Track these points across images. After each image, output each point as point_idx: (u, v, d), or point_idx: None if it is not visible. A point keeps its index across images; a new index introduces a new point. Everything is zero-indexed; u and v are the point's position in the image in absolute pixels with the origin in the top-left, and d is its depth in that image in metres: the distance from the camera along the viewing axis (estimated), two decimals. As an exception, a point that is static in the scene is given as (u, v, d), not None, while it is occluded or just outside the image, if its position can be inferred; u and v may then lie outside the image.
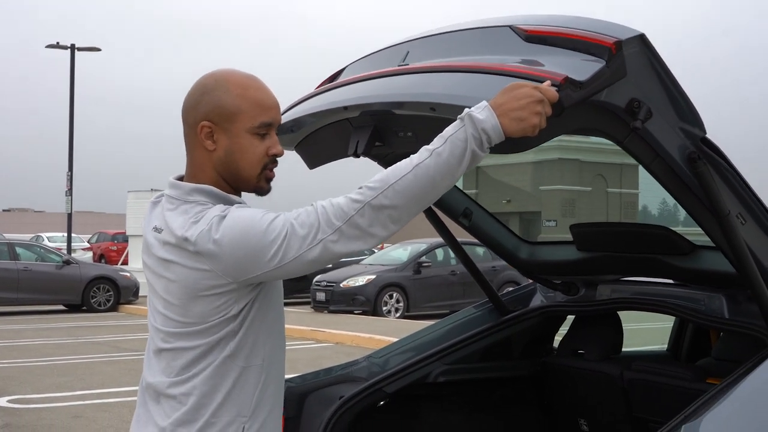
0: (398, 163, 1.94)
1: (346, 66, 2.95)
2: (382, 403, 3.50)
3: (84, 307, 20.12)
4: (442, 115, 2.18)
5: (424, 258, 19.20)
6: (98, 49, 29.25)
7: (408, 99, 2.32)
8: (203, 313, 2.04)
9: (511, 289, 4.04)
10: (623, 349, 3.74)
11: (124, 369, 11.57)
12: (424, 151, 1.93)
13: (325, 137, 2.84)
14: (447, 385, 3.62)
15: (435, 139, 1.94)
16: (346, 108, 2.58)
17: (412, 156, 1.94)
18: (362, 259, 22.03)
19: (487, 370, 3.76)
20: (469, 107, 1.95)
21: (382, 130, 2.55)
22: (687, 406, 2.40)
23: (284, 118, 2.76)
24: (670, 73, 2.25)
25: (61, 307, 20.74)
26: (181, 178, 2.17)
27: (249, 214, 1.99)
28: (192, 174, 2.14)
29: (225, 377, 2.06)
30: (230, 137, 2.09)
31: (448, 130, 1.93)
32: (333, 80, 2.94)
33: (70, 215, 27.90)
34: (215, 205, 2.06)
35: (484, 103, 1.94)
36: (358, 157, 2.63)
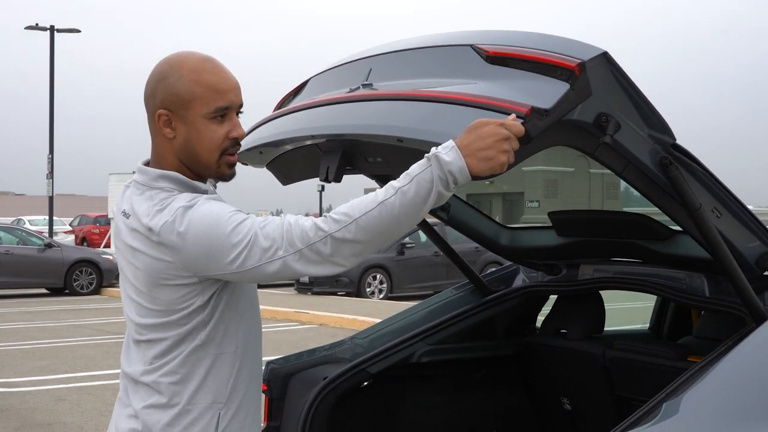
0: (364, 197, 1.93)
1: (310, 78, 2.91)
2: (365, 383, 3.51)
3: (66, 291, 20.07)
4: (410, 146, 2.18)
5: (407, 239, 19.22)
6: (78, 31, 29.00)
7: (375, 131, 2.30)
8: (170, 301, 2.04)
9: (494, 269, 4.05)
10: (605, 329, 3.77)
11: (107, 352, 11.55)
12: (390, 187, 1.92)
13: (295, 159, 2.83)
14: (430, 365, 3.64)
15: (402, 175, 1.93)
16: (313, 136, 2.56)
17: (378, 191, 1.94)
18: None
19: (470, 349, 3.77)
20: (436, 144, 1.95)
21: (351, 155, 2.53)
22: (668, 384, 2.42)
23: (251, 140, 2.74)
24: (635, 85, 2.25)
25: (44, 291, 20.65)
26: (148, 163, 2.16)
27: (217, 211, 1.97)
28: (156, 160, 2.14)
29: (198, 365, 2.07)
30: (187, 124, 2.07)
31: (415, 169, 1.92)
32: (297, 93, 2.92)
33: (51, 198, 27.73)
34: (181, 192, 2.05)
35: (451, 143, 1.92)
36: (330, 183, 2.62)
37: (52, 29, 28.49)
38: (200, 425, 2.06)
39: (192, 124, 2.07)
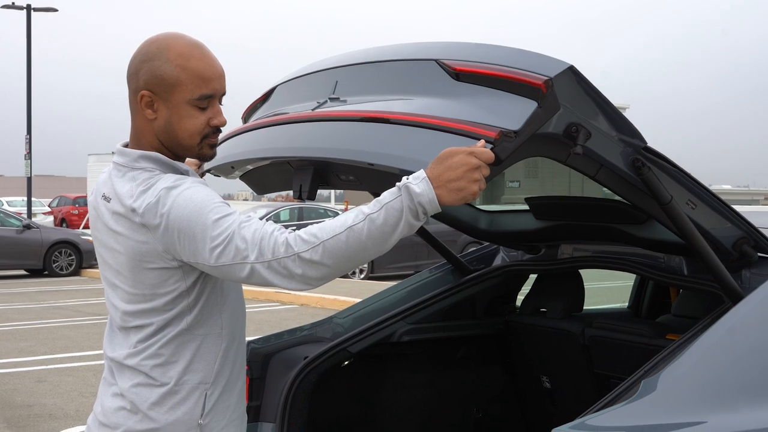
0: (334, 220, 1.94)
1: (276, 86, 2.90)
2: (346, 362, 3.52)
3: (46, 272, 19.95)
4: (381, 169, 2.19)
5: (388, 219, 19.20)
6: (55, 10, 28.72)
7: (345, 156, 2.29)
8: (153, 285, 2.05)
9: (474, 249, 4.07)
10: (585, 308, 3.79)
11: (87, 333, 11.51)
12: (360, 213, 1.93)
13: (268, 173, 2.83)
14: (411, 344, 3.65)
15: (373, 201, 1.95)
16: (284, 156, 2.55)
17: (348, 214, 1.94)
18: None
19: (451, 328, 3.79)
20: (407, 171, 1.98)
21: (323, 172, 2.53)
22: (647, 362, 2.45)
23: (222, 155, 2.72)
24: (603, 95, 2.26)
25: (23, 272, 20.53)
26: (127, 145, 2.17)
27: (201, 198, 1.97)
28: (135, 139, 2.14)
29: (184, 347, 2.08)
30: (170, 108, 2.08)
31: (386, 197, 1.93)
32: (264, 101, 2.91)
33: (29, 179, 27.54)
34: (164, 173, 2.06)
35: (422, 173, 1.93)
36: (305, 200, 2.63)
37: (28, 8, 28.20)
38: (188, 405, 2.08)
39: (175, 108, 2.07)
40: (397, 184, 1.93)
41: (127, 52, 2.19)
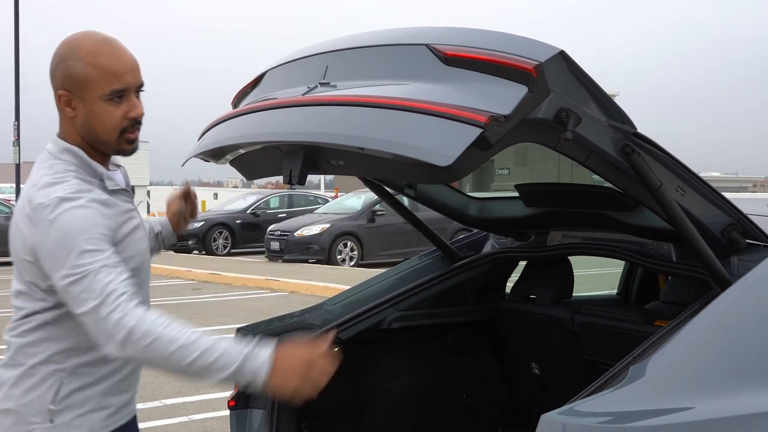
0: (172, 327, 2.01)
1: (266, 71, 2.89)
2: (336, 349, 3.52)
3: (34, 259, 19.88)
4: (371, 154, 2.22)
5: (378, 206, 19.23)
6: (43, -5, 28.53)
7: (336, 140, 2.30)
8: (29, 272, 2.14)
9: (463, 235, 4.08)
10: (574, 294, 3.80)
11: (76, 320, 11.49)
12: (200, 340, 2.00)
13: (257, 158, 2.84)
14: (400, 331, 3.66)
15: (221, 339, 2.03)
16: (273, 141, 2.57)
17: (185, 331, 2.01)
18: (316, 208, 22.04)
19: (440, 315, 3.80)
20: (398, 155, 2.06)
21: (313, 157, 2.54)
22: (635, 348, 2.46)
23: (211, 140, 2.75)
24: (593, 81, 2.27)
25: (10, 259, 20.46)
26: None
27: (83, 223, 2.04)
28: (62, 134, 2.23)
29: (49, 336, 2.16)
30: (86, 105, 2.15)
31: (229, 346, 2.02)
32: (254, 86, 2.90)
33: (18, 165, 27.41)
34: (76, 174, 2.14)
35: (271, 355, 2.04)
36: (294, 185, 2.64)
37: (16, -7, 27.97)
38: (40, 390, 2.15)
39: (90, 105, 2.15)
40: (244, 343, 2.04)
41: (122, 37, 2.21)
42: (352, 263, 18.94)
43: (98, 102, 2.14)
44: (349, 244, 19.09)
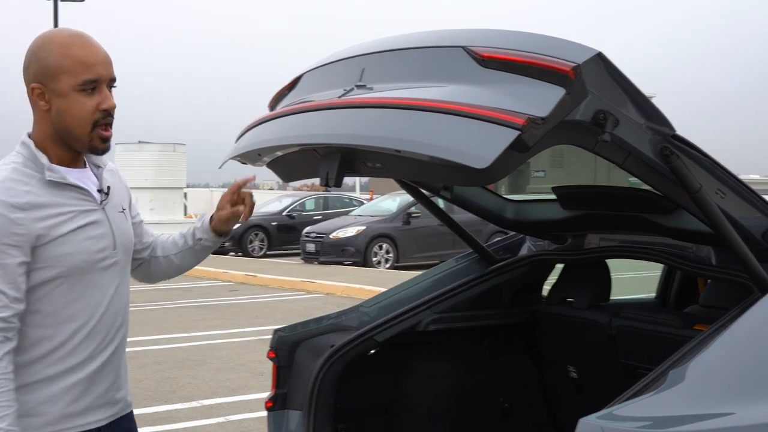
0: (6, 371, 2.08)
1: (303, 74, 2.91)
2: (372, 351, 3.53)
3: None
4: (408, 156, 2.21)
5: (413, 209, 19.22)
6: (82, 0, 28.88)
7: (372, 143, 2.31)
8: None
9: (499, 238, 4.07)
10: (612, 298, 3.77)
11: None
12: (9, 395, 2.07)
13: (294, 160, 2.85)
14: (437, 334, 3.65)
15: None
16: (310, 143, 2.58)
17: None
18: (352, 210, 22.08)
19: (477, 318, 3.79)
20: (434, 157, 2.06)
21: (349, 159, 2.55)
22: (675, 352, 2.43)
23: (248, 142, 2.76)
24: (631, 82, 2.26)
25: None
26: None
27: None
28: (34, 129, 2.25)
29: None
30: (58, 96, 2.17)
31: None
32: (291, 88, 2.92)
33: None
34: (20, 165, 2.17)
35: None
36: (331, 188, 2.64)
37: (56, -2, 28.36)
38: None
39: (63, 96, 2.17)
40: None
41: (154, 42, 2.25)
42: (388, 265, 18.94)
43: (71, 93, 2.16)
44: (384, 246, 19.09)
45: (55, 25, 28.06)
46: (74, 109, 2.17)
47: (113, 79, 2.23)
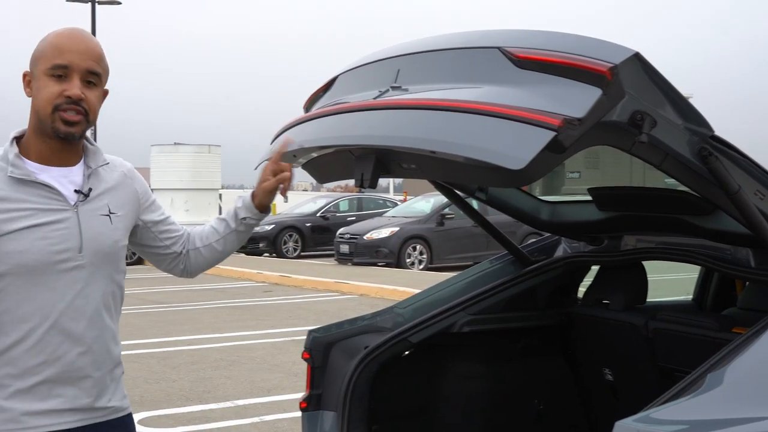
0: None
1: (338, 75, 2.91)
2: (407, 352, 3.53)
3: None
4: (443, 157, 2.21)
5: (447, 210, 19.20)
6: (119, 3, 29.18)
7: (407, 144, 2.31)
8: None
9: (534, 240, 4.05)
10: (648, 300, 3.74)
11: (151, 321, 11.71)
12: None
13: (330, 161, 2.85)
14: (471, 335, 3.64)
15: None
16: (345, 145, 2.58)
17: None
18: (386, 212, 22.09)
19: (512, 320, 3.77)
20: (470, 158, 2.07)
21: (384, 161, 2.55)
22: (712, 356, 2.40)
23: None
24: (669, 83, 2.24)
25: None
26: None
27: None
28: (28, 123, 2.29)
29: None
30: (35, 81, 2.23)
31: None
32: (326, 90, 2.92)
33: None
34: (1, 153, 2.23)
35: None
36: (366, 189, 2.65)
37: (93, 1, 28.69)
38: None
39: (37, 80, 2.22)
40: None
41: (190, 45, 2.26)
42: (421, 267, 18.93)
43: (42, 77, 2.20)
44: (418, 247, 19.09)
45: (93, 27, 28.37)
46: (42, 92, 2.20)
47: (90, 72, 2.22)
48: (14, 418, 2.18)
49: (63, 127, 2.19)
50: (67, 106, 2.18)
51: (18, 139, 2.26)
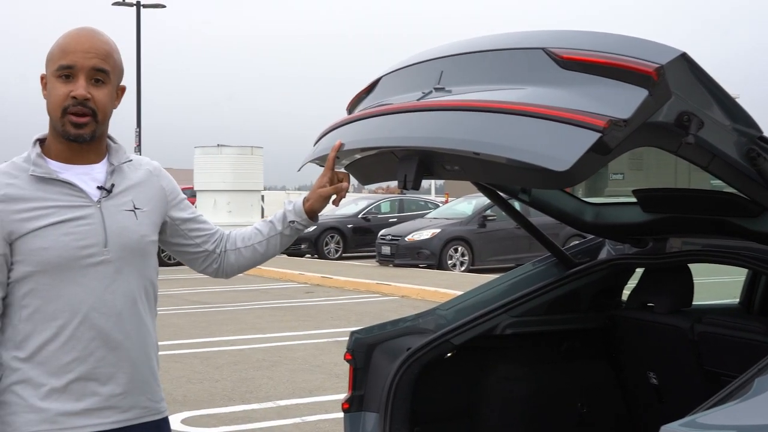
0: None
1: (381, 77, 2.91)
2: (449, 354, 3.52)
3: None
4: (486, 159, 2.20)
5: (489, 211, 19.12)
6: (163, 6, 29.49)
7: (451, 145, 2.31)
8: None
9: (577, 242, 4.01)
10: (694, 303, 3.69)
11: (194, 321, 11.82)
12: None
13: (373, 162, 2.86)
14: (514, 338, 3.62)
15: None
16: (389, 146, 2.58)
17: None
18: (427, 213, 22.07)
19: (555, 322, 3.75)
20: (513, 160, 2.07)
21: (427, 162, 2.54)
22: (760, 360, 2.37)
23: (327, 145, 2.77)
24: (717, 83, 2.21)
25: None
26: None
27: None
28: None
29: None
30: (48, 83, 2.24)
31: None
32: (369, 92, 2.93)
33: (139, 171, 28.34)
34: (20, 160, 2.26)
35: None
36: (408, 190, 2.65)
37: (138, 4, 29.02)
38: None
39: (48, 82, 2.25)
40: None
41: (234, 47, 2.26)
42: (463, 268, 18.88)
43: (52, 79, 2.22)
44: (459, 249, 19.04)
45: (138, 30, 28.71)
46: (51, 94, 2.23)
47: (97, 70, 2.22)
48: (50, 419, 2.20)
49: (72, 131, 2.22)
50: (75, 108, 2.20)
51: (41, 142, 2.30)
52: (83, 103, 2.19)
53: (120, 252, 2.26)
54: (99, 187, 2.27)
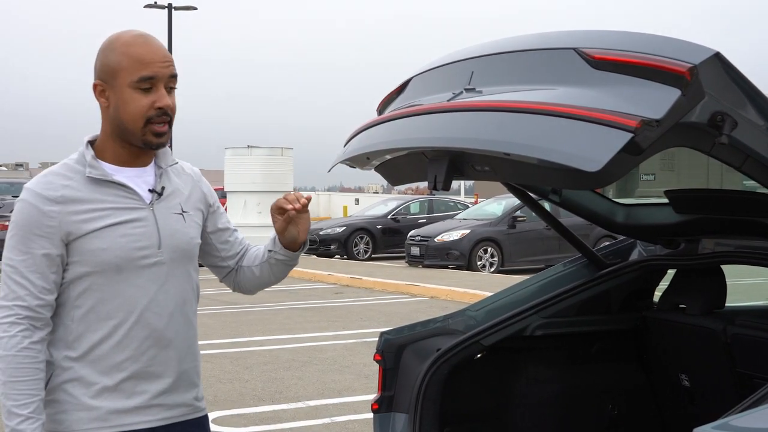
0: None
1: (411, 78, 2.91)
2: (479, 355, 3.52)
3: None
4: (517, 159, 2.20)
5: (518, 212, 19.06)
6: (194, 8, 29.69)
7: (481, 146, 2.30)
8: None
9: (608, 242, 3.99)
10: (726, 304, 3.66)
11: (224, 321, 11.88)
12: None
13: (403, 163, 2.86)
14: (544, 339, 3.61)
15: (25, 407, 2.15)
16: (419, 147, 2.58)
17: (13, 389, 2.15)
18: (456, 214, 22.04)
19: (585, 323, 3.73)
20: (544, 160, 2.07)
21: (457, 163, 2.54)
22: (795, 362, 2.35)
23: (357, 146, 2.78)
24: (751, 83, 2.19)
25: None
26: None
27: (17, 219, 2.22)
28: (101, 127, 2.32)
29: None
30: (116, 93, 2.22)
31: (13, 410, 2.13)
32: (400, 92, 2.93)
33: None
34: (73, 162, 2.27)
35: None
36: (439, 191, 2.64)
37: (170, 7, 29.25)
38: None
39: (120, 93, 2.22)
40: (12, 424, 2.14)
41: (266, 49, 2.27)
42: (492, 269, 18.83)
43: (127, 89, 2.21)
44: (489, 250, 18.99)
45: (170, 32, 28.92)
46: (129, 105, 2.22)
47: (172, 77, 2.25)
48: (101, 417, 2.24)
49: (155, 140, 2.26)
50: (159, 118, 2.23)
51: (91, 143, 2.32)
52: (167, 113, 2.25)
53: (172, 254, 2.31)
54: (150, 190, 2.31)
